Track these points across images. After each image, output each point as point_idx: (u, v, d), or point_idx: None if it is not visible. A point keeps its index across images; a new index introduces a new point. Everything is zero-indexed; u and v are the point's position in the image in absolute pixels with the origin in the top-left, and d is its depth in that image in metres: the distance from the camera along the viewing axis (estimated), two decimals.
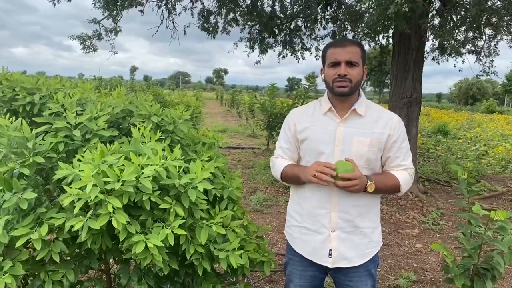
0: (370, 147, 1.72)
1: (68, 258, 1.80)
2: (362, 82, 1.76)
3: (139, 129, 1.67)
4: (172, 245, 1.44)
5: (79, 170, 1.38)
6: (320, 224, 1.79)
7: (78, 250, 1.82)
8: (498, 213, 2.11)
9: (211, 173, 1.62)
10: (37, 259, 1.50)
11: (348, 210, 1.75)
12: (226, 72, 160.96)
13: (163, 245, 1.42)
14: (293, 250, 1.91)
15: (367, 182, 1.66)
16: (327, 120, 1.78)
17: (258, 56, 7.89)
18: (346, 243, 1.78)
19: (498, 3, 5.14)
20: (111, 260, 2.00)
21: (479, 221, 2.36)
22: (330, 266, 1.79)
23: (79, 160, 1.47)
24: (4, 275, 1.41)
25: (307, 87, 7.56)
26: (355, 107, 1.74)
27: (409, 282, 3.57)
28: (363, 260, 1.80)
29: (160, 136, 1.74)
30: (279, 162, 1.90)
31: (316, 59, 7.93)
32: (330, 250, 1.77)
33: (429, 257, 4.22)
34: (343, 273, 1.84)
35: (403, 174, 1.79)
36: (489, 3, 4.93)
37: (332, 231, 1.77)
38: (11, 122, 1.57)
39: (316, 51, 7.90)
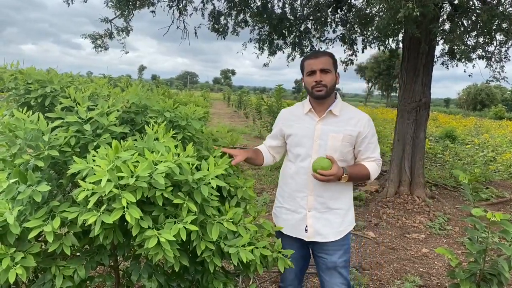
0: (343, 142, 2.06)
1: (78, 254, 1.82)
2: (336, 85, 2.11)
3: (152, 126, 1.69)
4: (184, 240, 1.46)
5: (95, 165, 1.40)
6: (298, 205, 2.15)
7: (88, 247, 1.83)
8: (496, 215, 2.15)
9: (225, 170, 1.64)
10: (48, 251, 1.52)
11: (322, 194, 2.10)
12: (233, 73, 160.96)
13: (175, 240, 1.44)
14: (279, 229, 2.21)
15: (343, 174, 1.97)
16: (307, 119, 2.14)
17: (267, 57, 7.90)
18: (321, 221, 2.12)
19: (510, 8, 5.12)
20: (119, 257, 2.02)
21: (483, 225, 2.36)
22: (306, 239, 2.14)
23: (93, 155, 1.49)
24: (15, 266, 1.41)
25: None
26: (331, 109, 2.09)
27: (415, 286, 3.56)
28: (337, 237, 2.13)
29: (174, 133, 1.76)
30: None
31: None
32: (306, 226, 2.13)
33: (435, 262, 4.21)
34: (319, 246, 2.17)
35: (372, 164, 2.14)
36: (500, 8, 4.91)
37: (309, 211, 2.12)
38: (28, 116, 1.59)
39: None
